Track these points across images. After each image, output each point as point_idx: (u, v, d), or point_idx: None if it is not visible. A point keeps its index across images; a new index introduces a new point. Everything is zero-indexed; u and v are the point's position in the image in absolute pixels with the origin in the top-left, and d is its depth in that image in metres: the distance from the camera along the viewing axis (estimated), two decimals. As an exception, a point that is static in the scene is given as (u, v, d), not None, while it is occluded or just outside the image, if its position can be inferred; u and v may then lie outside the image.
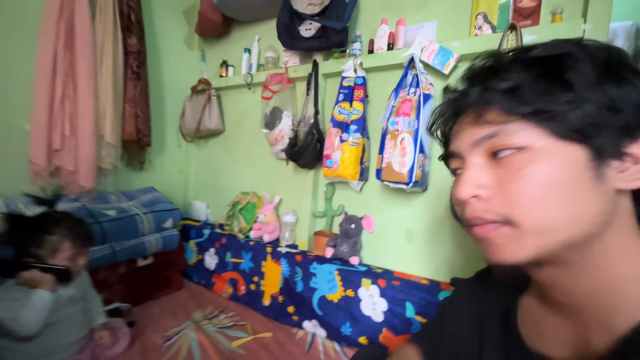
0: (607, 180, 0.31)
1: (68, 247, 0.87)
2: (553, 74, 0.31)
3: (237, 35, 1.76)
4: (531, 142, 0.32)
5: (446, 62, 1.03)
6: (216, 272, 1.54)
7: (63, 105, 1.28)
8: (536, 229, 0.32)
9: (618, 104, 0.30)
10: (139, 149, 1.58)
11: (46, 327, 0.81)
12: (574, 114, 0.30)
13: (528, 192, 0.32)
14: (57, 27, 1.25)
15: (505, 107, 0.33)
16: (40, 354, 0.83)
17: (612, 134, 0.31)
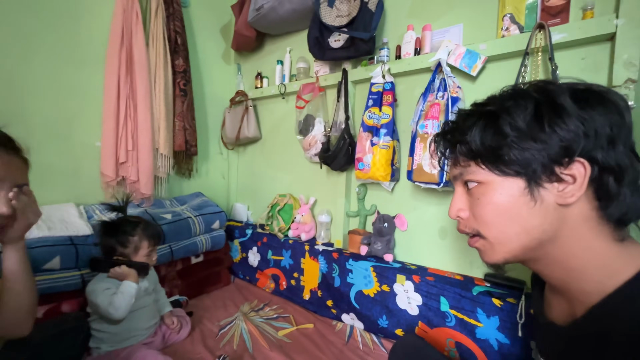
0: (545, 199, 0.41)
1: (145, 245, 1.03)
2: (492, 125, 0.43)
3: (270, 48, 1.88)
4: (483, 178, 0.45)
5: (473, 65, 1.06)
6: (259, 269, 1.67)
7: (126, 124, 1.47)
8: (497, 240, 0.45)
9: (545, 144, 0.40)
10: (187, 158, 1.76)
11: (129, 313, 0.97)
12: (508, 156, 0.42)
13: (485, 214, 0.45)
14: (119, 56, 1.44)
15: (465, 156, 0.47)
16: (124, 336, 0.99)
17: (541, 166, 0.40)
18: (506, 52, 1.02)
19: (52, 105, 1.32)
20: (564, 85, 0.43)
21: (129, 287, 0.94)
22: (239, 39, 1.80)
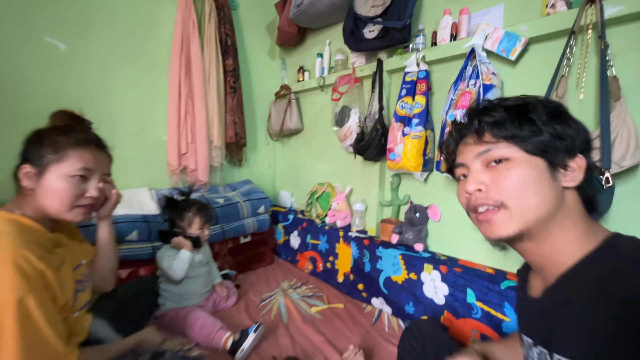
0: (557, 180, 0.49)
1: (197, 220, 1.23)
2: (522, 114, 0.49)
3: (312, 42, 1.95)
4: (512, 155, 0.49)
5: (512, 48, 1.00)
6: (299, 251, 1.81)
7: (186, 120, 1.69)
8: (520, 209, 0.48)
9: (561, 136, 0.48)
10: (237, 149, 1.95)
11: (186, 279, 1.18)
12: (536, 139, 0.48)
13: (513, 185, 0.49)
14: (179, 61, 1.65)
15: (495, 133, 0.51)
16: (183, 297, 1.21)
17: (559, 153, 0.48)
18: (551, 32, 0.94)
19: (130, 106, 1.59)
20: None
21: (184, 254, 1.15)
22: (282, 35, 1.91)
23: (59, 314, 0.67)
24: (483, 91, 0.98)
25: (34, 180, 0.69)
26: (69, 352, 0.67)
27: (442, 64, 1.26)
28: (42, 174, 0.69)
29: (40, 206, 0.70)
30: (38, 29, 1.37)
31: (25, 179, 0.68)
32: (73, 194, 0.71)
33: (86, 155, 0.73)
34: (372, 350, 1.07)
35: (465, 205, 0.56)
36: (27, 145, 0.71)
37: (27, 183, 0.68)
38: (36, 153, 0.69)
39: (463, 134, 0.56)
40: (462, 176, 0.57)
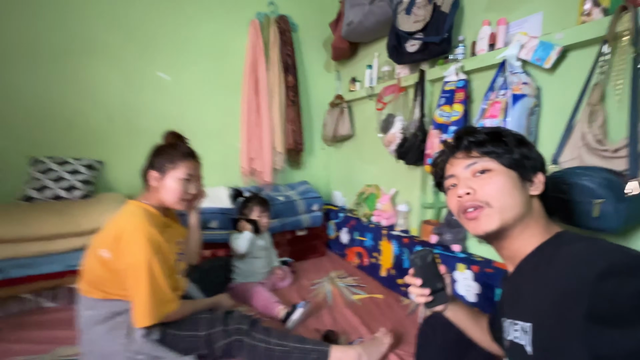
0: (526, 189, 0.62)
1: (257, 209, 1.56)
2: (498, 138, 0.64)
3: (363, 54, 2.11)
4: (493, 167, 0.63)
5: (547, 57, 1.02)
6: (348, 246, 1.99)
7: (255, 130, 2.03)
8: (501, 207, 0.60)
9: (527, 156, 0.62)
10: (296, 154, 2.23)
11: (251, 259, 1.48)
12: (510, 156, 0.62)
13: (496, 190, 0.61)
14: (249, 81, 1.99)
15: (480, 150, 0.64)
16: (248, 273, 1.52)
17: (526, 169, 0.62)
18: (587, 40, 0.94)
19: (212, 121, 2.00)
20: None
21: (246, 234, 1.49)
22: (336, 51, 2.11)
23: (169, 272, 0.99)
24: (512, 101, 1.02)
25: (158, 181, 1.02)
26: (174, 298, 0.99)
27: (481, 72, 1.30)
28: (163, 177, 1.02)
29: (160, 199, 1.03)
30: (152, 66, 1.84)
31: (152, 180, 1.03)
32: (182, 191, 1.04)
33: (190, 165, 1.06)
34: (402, 336, 1.20)
35: (456, 208, 0.67)
36: (152, 156, 1.06)
37: (153, 183, 1.03)
38: (159, 163, 1.03)
39: (454, 151, 0.69)
40: (452, 186, 0.69)
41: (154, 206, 1.04)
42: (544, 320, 0.49)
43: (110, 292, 0.96)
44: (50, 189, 1.52)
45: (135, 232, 0.92)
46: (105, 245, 0.93)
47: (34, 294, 1.33)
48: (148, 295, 0.91)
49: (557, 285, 0.48)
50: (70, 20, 1.63)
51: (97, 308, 0.96)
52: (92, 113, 1.71)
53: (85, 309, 0.97)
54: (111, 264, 0.93)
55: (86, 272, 0.97)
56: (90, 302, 0.96)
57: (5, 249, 1.25)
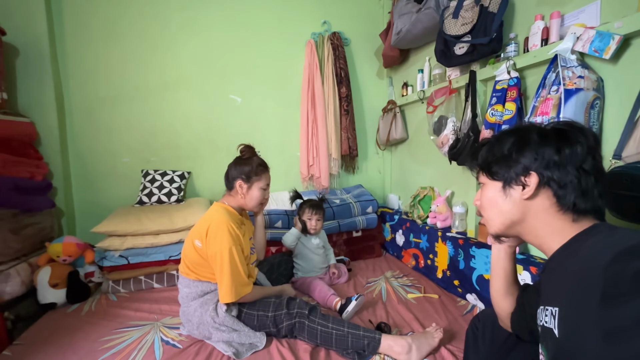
0: (514, 195, 0.63)
1: (307, 210, 1.72)
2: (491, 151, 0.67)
3: (414, 59, 2.16)
4: (484, 180, 0.69)
5: (606, 47, 0.97)
6: (404, 248, 2.03)
7: (312, 140, 2.22)
8: (488, 218, 0.69)
9: (512, 164, 0.63)
10: (351, 159, 2.37)
11: (308, 257, 1.66)
12: (492, 169, 0.66)
13: (483, 203, 0.69)
14: (307, 96, 2.20)
15: (478, 167, 0.71)
16: (307, 270, 1.69)
17: (512, 176, 0.62)
18: (651, 25, 0.88)
19: (276, 133, 2.26)
20: (536, 125, 0.64)
21: (293, 230, 1.69)
22: (387, 59, 2.20)
23: (245, 261, 1.21)
24: (565, 96, 0.99)
25: (243, 189, 1.27)
26: (249, 283, 1.20)
27: (535, 68, 1.26)
28: (250, 187, 1.27)
29: (239, 202, 1.28)
30: (227, 90, 2.18)
31: (238, 187, 1.27)
32: (262, 197, 1.29)
33: (268, 176, 1.32)
34: (456, 334, 1.22)
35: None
36: (238, 167, 1.28)
37: (239, 190, 1.27)
38: (246, 174, 1.26)
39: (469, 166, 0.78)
40: None
41: (233, 207, 1.28)
42: (567, 304, 0.53)
43: (202, 275, 1.22)
44: (155, 195, 1.93)
45: (218, 227, 1.16)
46: (198, 237, 1.19)
47: (146, 277, 1.70)
48: (230, 277, 1.13)
49: (578, 271, 0.52)
50: (166, 61, 2.05)
51: (191, 287, 1.23)
52: (184, 133, 2.11)
53: (183, 286, 1.24)
54: (202, 252, 1.18)
55: (185, 258, 1.24)
56: (187, 281, 1.23)
57: (127, 241, 1.65)
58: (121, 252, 1.64)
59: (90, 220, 1.80)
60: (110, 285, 1.64)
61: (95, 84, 1.95)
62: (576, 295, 0.51)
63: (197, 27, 2.08)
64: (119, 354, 1.14)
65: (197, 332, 1.20)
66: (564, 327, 0.54)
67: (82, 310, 1.47)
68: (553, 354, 0.56)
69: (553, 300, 0.58)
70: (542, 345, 0.63)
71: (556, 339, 0.55)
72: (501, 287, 0.79)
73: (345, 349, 1.11)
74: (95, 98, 1.95)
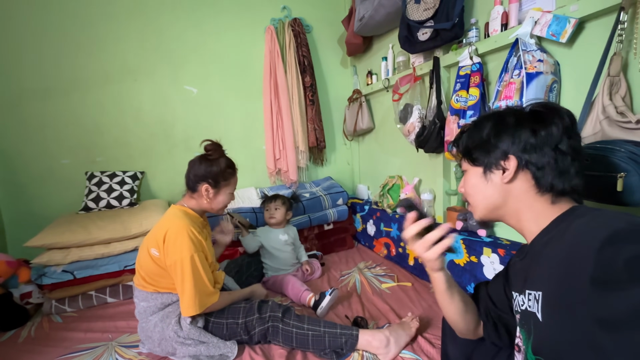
0: (494, 179, 0.63)
1: (267, 203, 1.65)
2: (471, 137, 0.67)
3: (377, 47, 2.13)
4: (466, 167, 0.70)
5: (562, 31, 0.99)
6: (375, 237, 2.03)
7: (278, 132, 2.12)
8: (474, 203, 0.69)
9: (491, 148, 0.63)
10: (318, 151, 2.30)
11: (276, 255, 1.59)
12: (473, 155, 0.66)
13: (467, 188, 0.69)
14: (269, 86, 2.09)
15: (460, 154, 0.71)
16: (276, 268, 1.62)
17: (492, 161, 0.63)
18: (602, 9, 0.90)
19: (239, 126, 2.13)
20: (513, 108, 0.65)
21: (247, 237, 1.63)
22: (350, 47, 2.14)
23: (209, 268, 1.10)
24: (527, 80, 1.01)
25: (210, 193, 1.14)
26: (215, 292, 1.10)
27: (496, 53, 1.28)
28: (218, 192, 1.16)
29: (204, 206, 1.17)
30: (180, 82, 1.99)
31: (204, 191, 1.13)
32: (228, 202, 1.20)
33: (235, 179, 1.22)
34: (431, 321, 1.23)
35: None
36: (204, 169, 1.14)
37: (204, 194, 1.13)
38: (213, 178, 1.14)
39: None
40: None
41: (194, 209, 1.16)
42: (552, 288, 0.52)
43: (161, 286, 1.09)
44: (103, 199, 1.73)
45: (178, 232, 1.04)
46: (154, 245, 1.06)
47: (97, 291, 1.52)
48: (192, 288, 1.02)
49: (564, 255, 0.51)
50: (106, 49, 1.82)
51: (149, 300, 1.10)
52: (134, 129, 1.90)
53: (140, 300, 1.11)
54: (160, 261, 1.06)
55: (140, 269, 1.11)
56: (144, 294, 1.10)
57: (72, 254, 1.45)
58: (64, 267, 1.45)
59: (24, 233, 1.55)
60: (54, 305, 1.44)
61: (22, 74, 1.67)
62: (563, 279, 0.50)
63: (144, 8, 1.86)
64: (66, 384, 0.99)
65: (159, 349, 1.09)
66: (548, 311, 0.52)
67: (19, 337, 1.27)
68: (537, 338, 0.55)
69: (536, 284, 0.57)
70: (521, 330, 0.62)
71: (539, 322, 0.54)
72: (461, 306, 0.74)
73: (323, 350, 1.06)
74: (22, 91, 1.68)
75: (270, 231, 1.65)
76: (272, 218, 1.64)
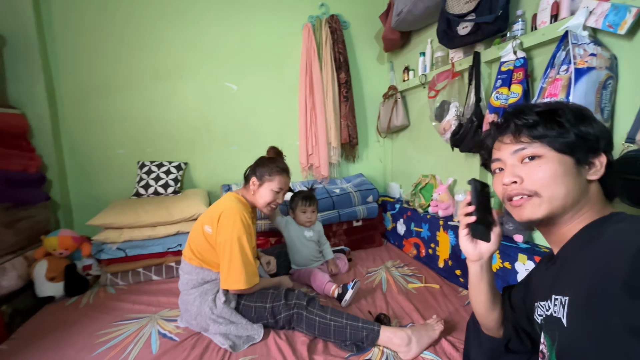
0: (582, 174, 0.57)
1: (301, 204, 1.66)
2: (552, 118, 0.58)
3: (415, 42, 2.07)
4: (544, 152, 0.58)
5: (621, 21, 0.90)
6: (405, 237, 2.00)
7: (311, 128, 2.17)
8: (550, 197, 0.57)
9: (586, 136, 0.56)
10: (351, 148, 2.31)
11: (299, 250, 1.63)
12: (564, 139, 0.57)
13: (545, 178, 0.57)
14: (305, 82, 2.13)
15: (530, 134, 0.59)
16: (299, 262, 1.67)
17: (584, 152, 0.56)
18: (672, -5, 0.81)
19: (273, 121, 2.20)
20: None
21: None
22: (387, 43, 2.11)
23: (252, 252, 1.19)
24: (575, 76, 0.93)
25: (255, 186, 1.26)
26: (257, 272, 1.19)
27: (543, 47, 1.19)
28: (261, 185, 1.26)
29: (251, 198, 1.28)
30: (222, 78, 2.11)
31: (252, 184, 1.26)
32: (271, 200, 1.27)
33: (283, 180, 1.28)
34: (457, 325, 1.19)
35: (501, 194, 0.64)
36: (256, 165, 1.30)
37: (252, 186, 1.26)
38: (260, 172, 1.26)
39: (500, 133, 0.64)
40: (498, 169, 0.65)
41: (247, 200, 1.29)
42: (581, 293, 0.49)
43: (206, 261, 1.21)
44: (151, 186, 1.90)
45: (231, 214, 1.16)
46: (209, 222, 1.18)
47: (144, 269, 1.69)
48: (241, 265, 1.13)
49: (597, 260, 0.48)
50: (157, 49, 1.98)
51: (192, 273, 1.21)
52: (179, 123, 2.06)
53: (185, 273, 1.23)
54: (211, 238, 1.18)
55: (190, 242, 1.23)
56: (189, 267, 1.22)
57: (125, 234, 1.63)
58: (119, 245, 1.63)
59: (86, 213, 1.77)
60: (109, 278, 1.63)
61: (86, 74, 1.89)
62: (593, 284, 0.47)
63: (190, 10, 2.00)
64: (115, 347, 1.13)
65: (194, 322, 1.19)
66: (575, 316, 0.50)
67: (80, 303, 1.46)
68: (561, 344, 0.52)
69: (564, 289, 0.54)
70: (545, 335, 0.59)
71: (564, 328, 0.52)
72: (488, 301, 0.74)
73: (344, 341, 1.09)
74: (85, 88, 1.90)
75: (297, 225, 1.69)
76: (309, 222, 1.68)
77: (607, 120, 0.97)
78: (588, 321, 0.47)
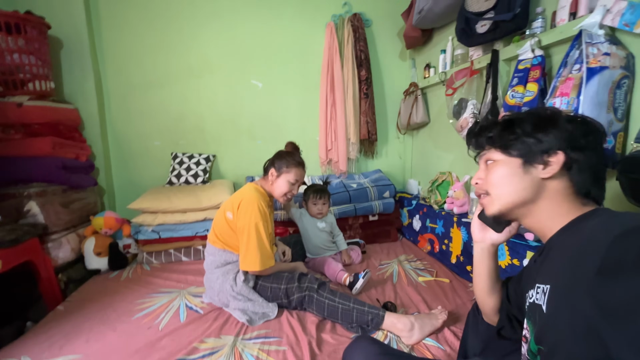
0: (534, 173, 0.61)
1: (312, 196, 1.74)
2: (509, 128, 0.64)
3: (437, 39, 2.07)
4: (497, 157, 0.66)
5: (637, 20, 0.89)
6: (420, 233, 2.03)
7: (331, 124, 2.24)
8: (497, 195, 0.65)
9: (540, 140, 0.61)
10: (370, 144, 2.36)
11: (312, 240, 1.72)
12: (515, 146, 0.63)
13: (494, 179, 0.66)
14: (326, 79, 2.21)
15: (489, 144, 0.68)
16: (312, 251, 1.76)
17: (534, 154, 0.61)
18: (691, -6, 0.80)
19: (295, 117, 2.30)
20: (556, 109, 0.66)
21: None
22: (409, 40, 2.13)
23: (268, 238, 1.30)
24: (587, 76, 0.93)
25: (274, 177, 1.37)
26: (272, 256, 1.30)
27: (561, 45, 1.18)
28: (279, 176, 1.36)
29: (269, 189, 1.39)
30: (248, 75, 2.24)
31: (270, 175, 1.38)
32: (287, 191, 1.37)
33: (299, 172, 1.39)
34: (461, 317, 1.23)
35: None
36: (275, 157, 1.41)
37: (270, 177, 1.38)
38: (278, 164, 1.37)
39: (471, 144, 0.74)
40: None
41: (264, 189, 1.40)
42: (560, 280, 0.53)
43: (228, 244, 1.34)
44: (183, 176, 2.08)
45: (250, 202, 1.28)
46: (230, 209, 1.31)
47: (175, 250, 1.87)
48: (257, 249, 1.25)
49: (577, 248, 0.52)
50: (191, 48, 2.14)
51: (216, 255, 1.35)
52: (208, 117, 2.23)
53: (209, 254, 1.37)
54: (231, 223, 1.30)
55: (215, 227, 1.37)
56: (213, 249, 1.36)
57: (159, 218, 1.81)
58: (153, 227, 1.81)
59: (127, 198, 1.99)
60: (145, 257, 1.82)
61: (128, 71, 2.10)
62: (571, 271, 0.51)
63: (221, 11, 2.14)
64: (150, 314, 1.29)
65: (217, 298, 1.32)
66: (553, 302, 0.54)
67: (121, 276, 1.66)
68: (539, 327, 0.56)
69: (546, 278, 0.58)
70: (528, 321, 0.64)
71: (543, 313, 0.56)
72: (486, 285, 0.79)
73: (350, 323, 1.17)
74: (129, 84, 2.10)
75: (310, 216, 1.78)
76: (320, 214, 1.75)
77: (621, 120, 0.97)
78: (563, 304, 0.50)
